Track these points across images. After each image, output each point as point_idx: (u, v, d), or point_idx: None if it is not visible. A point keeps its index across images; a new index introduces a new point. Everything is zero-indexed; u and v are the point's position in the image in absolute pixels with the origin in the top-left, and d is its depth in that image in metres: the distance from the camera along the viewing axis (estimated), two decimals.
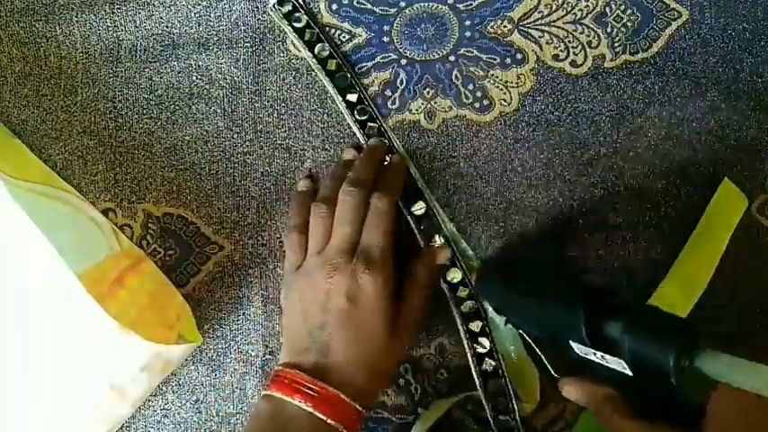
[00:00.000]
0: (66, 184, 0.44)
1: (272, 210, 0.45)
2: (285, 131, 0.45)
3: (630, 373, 0.30)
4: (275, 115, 0.45)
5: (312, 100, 0.45)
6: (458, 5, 0.45)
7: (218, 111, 0.45)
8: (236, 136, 0.45)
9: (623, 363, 0.30)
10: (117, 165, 0.45)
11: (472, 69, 0.45)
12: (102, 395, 0.39)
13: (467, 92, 0.45)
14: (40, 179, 0.42)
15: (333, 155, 0.45)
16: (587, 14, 0.45)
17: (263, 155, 0.45)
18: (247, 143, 0.45)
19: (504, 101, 0.44)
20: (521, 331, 0.41)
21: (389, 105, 0.45)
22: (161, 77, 0.45)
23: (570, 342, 0.33)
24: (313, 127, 0.45)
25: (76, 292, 0.36)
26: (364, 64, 0.45)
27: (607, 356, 0.31)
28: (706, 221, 0.43)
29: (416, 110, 0.45)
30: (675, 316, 0.31)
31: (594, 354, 0.32)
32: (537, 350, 0.41)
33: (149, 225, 0.44)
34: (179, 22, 0.45)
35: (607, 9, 0.45)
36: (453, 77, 0.45)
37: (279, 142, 0.45)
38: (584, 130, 0.44)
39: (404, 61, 0.45)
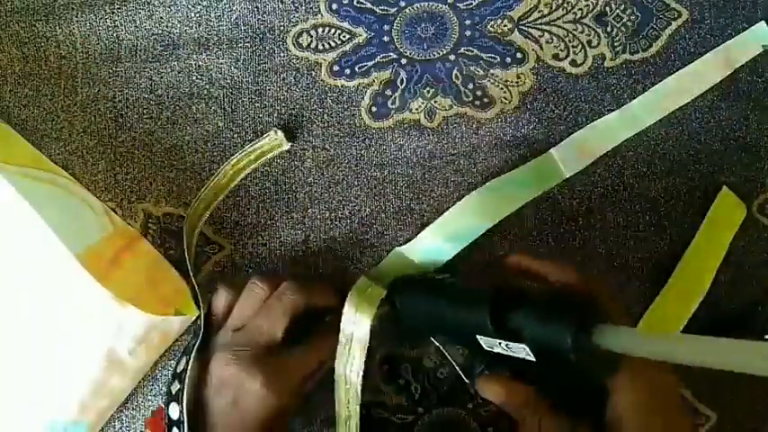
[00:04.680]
0: (56, 166, 0.44)
1: (272, 210, 0.45)
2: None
3: (534, 359, 0.31)
4: (275, 115, 0.45)
5: (312, 100, 0.45)
6: (458, 5, 0.45)
7: (218, 111, 0.45)
8: (236, 136, 0.45)
9: (526, 348, 0.31)
10: (117, 165, 0.45)
11: (472, 68, 0.45)
12: (99, 368, 0.40)
13: (467, 91, 0.45)
14: (28, 162, 0.42)
15: (333, 155, 0.45)
16: (587, 14, 0.45)
17: None
18: (247, 143, 0.45)
19: (505, 99, 0.44)
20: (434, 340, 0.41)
21: (389, 105, 0.45)
22: (161, 77, 0.45)
23: (477, 338, 0.33)
24: (313, 127, 0.45)
25: (72, 268, 0.36)
26: (364, 64, 0.45)
27: (511, 344, 0.31)
28: (705, 231, 0.43)
29: (417, 109, 0.45)
30: (575, 296, 0.31)
31: (499, 344, 0.32)
32: (450, 359, 0.40)
33: (149, 225, 0.44)
34: (179, 22, 0.45)
35: (607, 9, 0.45)
36: (453, 77, 0.45)
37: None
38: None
39: (404, 61, 0.45)
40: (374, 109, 0.45)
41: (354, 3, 0.45)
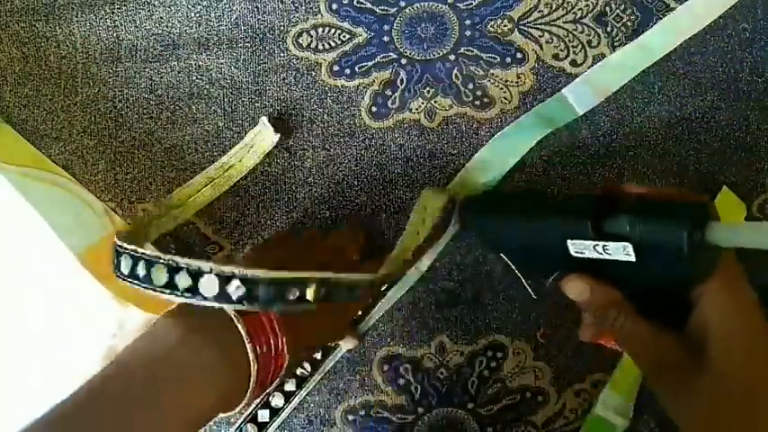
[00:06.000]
0: (57, 167, 0.44)
1: (271, 210, 0.45)
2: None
3: (633, 259, 0.30)
4: (275, 115, 0.45)
5: (312, 100, 0.45)
6: (458, 5, 0.45)
7: (218, 111, 0.45)
8: (236, 136, 0.45)
9: (628, 247, 0.30)
10: (117, 165, 0.45)
11: (472, 68, 0.45)
12: (99, 368, 0.40)
13: (467, 91, 0.45)
14: (28, 162, 0.43)
15: (333, 155, 0.45)
16: (587, 14, 0.45)
17: None
18: None
19: (505, 98, 0.44)
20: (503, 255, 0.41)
21: (389, 105, 0.45)
22: (161, 77, 0.45)
23: (568, 243, 0.33)
24: (313, 127, 0.45)
25: (72, 268, 0.37)
26: (364, 64, 0.45)
27: (609, 245, 0.31)
28: None
29: (417, 109, 0.45)
30: (685, 198, 0.31)
31: (594, 247, 0.32)
32: (518, 274, 0.40)
33: None
34: (179, 22, 0.45)
35: (607, 8, 0.45)
36: (453, 77, 0.45)
37: (279, 142, 0.45)
38: (584, 129, 0.44)
39: (404, 61, 0.45)
40: (374, 109, 0.45)
41: (354, 3, 0.45)
